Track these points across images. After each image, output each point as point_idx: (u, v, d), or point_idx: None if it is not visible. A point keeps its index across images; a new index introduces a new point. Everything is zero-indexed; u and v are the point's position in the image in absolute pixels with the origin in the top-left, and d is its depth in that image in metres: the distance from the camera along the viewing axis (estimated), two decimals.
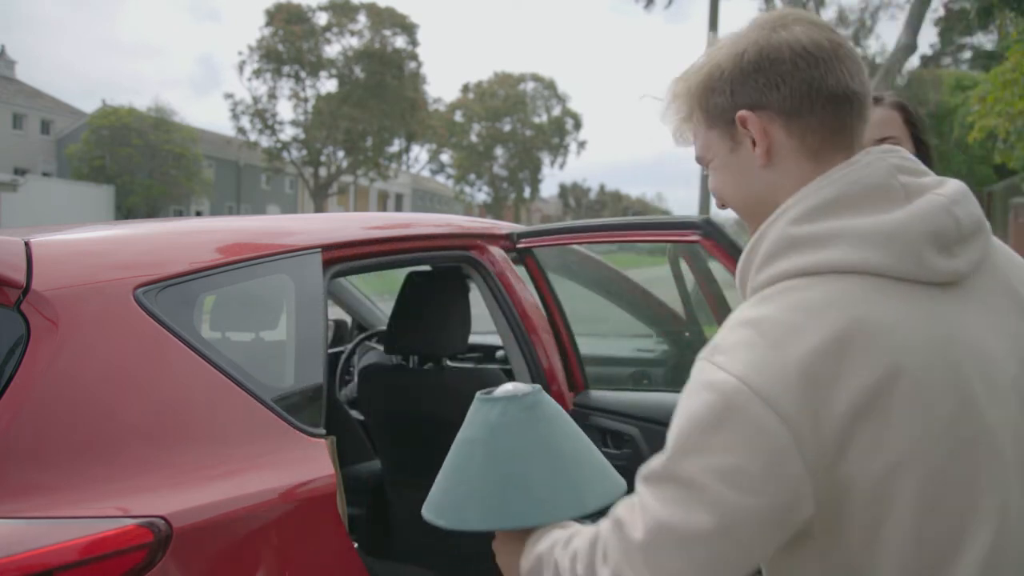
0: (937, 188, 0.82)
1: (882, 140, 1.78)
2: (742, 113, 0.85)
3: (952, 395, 0.74)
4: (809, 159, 0.84)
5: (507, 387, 1.06)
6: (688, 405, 0.77)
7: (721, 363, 0.75)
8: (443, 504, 1.01)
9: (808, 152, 0.84)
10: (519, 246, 2.15)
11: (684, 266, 2.28)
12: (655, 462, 0.80)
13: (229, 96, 41.00)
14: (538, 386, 1.07)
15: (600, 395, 2.10)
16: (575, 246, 2.35)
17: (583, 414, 2.03)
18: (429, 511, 1.03)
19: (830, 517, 0.74)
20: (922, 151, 1.70)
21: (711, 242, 1.61)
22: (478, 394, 1.07)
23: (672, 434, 0.78)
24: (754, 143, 0.85)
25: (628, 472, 1.04)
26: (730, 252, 1.59)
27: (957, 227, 0.79)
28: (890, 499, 0.72)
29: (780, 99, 0.83)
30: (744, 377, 0.72)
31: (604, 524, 0.84)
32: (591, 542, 0.84)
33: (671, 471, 0.77)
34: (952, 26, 22.03)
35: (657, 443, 1.46)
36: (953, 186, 0.83)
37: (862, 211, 0.79)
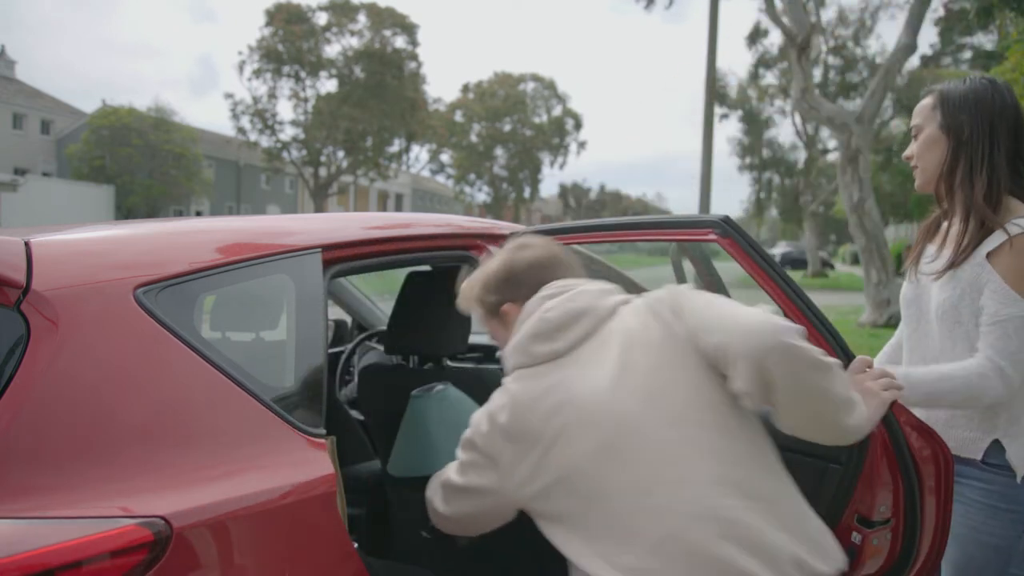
0: (548, 311, 1.38)
1: (910, 129, 1.79)
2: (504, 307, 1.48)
3: (555, 421, 1.28)
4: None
5: (435, 386, 1.79)
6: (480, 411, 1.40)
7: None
8: (400, 464, 1.70)
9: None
10: None
11: (687, 266, 2.27)
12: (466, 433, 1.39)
13: (229, 96, 41.02)
14: (448, 383, 1.77)
15: None
16: (575, 246, 2.35)
17: None
18: (394, 469, 1.71)
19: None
20: (954, 133, 1.69)
21: (728, 241, 1.59)
22: (413, 393, 1.77)
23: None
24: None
25: None
26: (747, 251, 1.58)
27: (550, 326, 1.36)
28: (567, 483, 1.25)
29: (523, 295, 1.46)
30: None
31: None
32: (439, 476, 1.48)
33: (464, 443, 1.40)
34: (952, 26, 22.02)
35: None
36: (556, 304, 1.38)
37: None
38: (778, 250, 38.75)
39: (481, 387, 2.15)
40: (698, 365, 1.27)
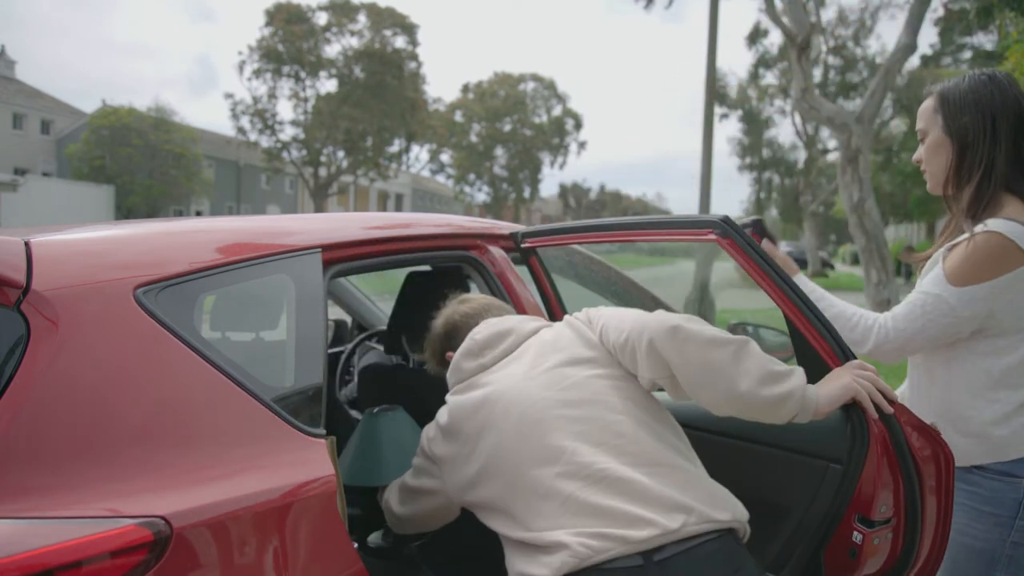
0: (476, 333, 1.63)
1: (917, 132, 1.80)
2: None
3: (481, 414, 1.49)
4: None
5: (388, 408, 1.93)
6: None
7: None
8: (354, 473, 1.82)
9: None
10: (523, 246, 2.13)
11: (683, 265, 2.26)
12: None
13: (229, 96, 41.06)
14: (398, 406, 1.93)
15: None
16: (576, 246, 2.35)
17: None
18: (349, 479, 1.79)
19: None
20: (958, 133, 1.70)
21: (728, 241, 1.59)
22: (366, 412, 1.93)
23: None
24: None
25: None
26: (747, 251, 1.58)
27: (477, 345, 1.61)
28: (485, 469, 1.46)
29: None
30: None
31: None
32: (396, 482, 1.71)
33: (418, 450, 1.65)
34: (952, 26, 22.02)
35: None
36: (482, 327, 1.64)
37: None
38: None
39: None
40: (608, 362, 1.49)
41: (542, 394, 1.45)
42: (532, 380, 1.48)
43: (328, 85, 34.25)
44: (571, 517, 1.30)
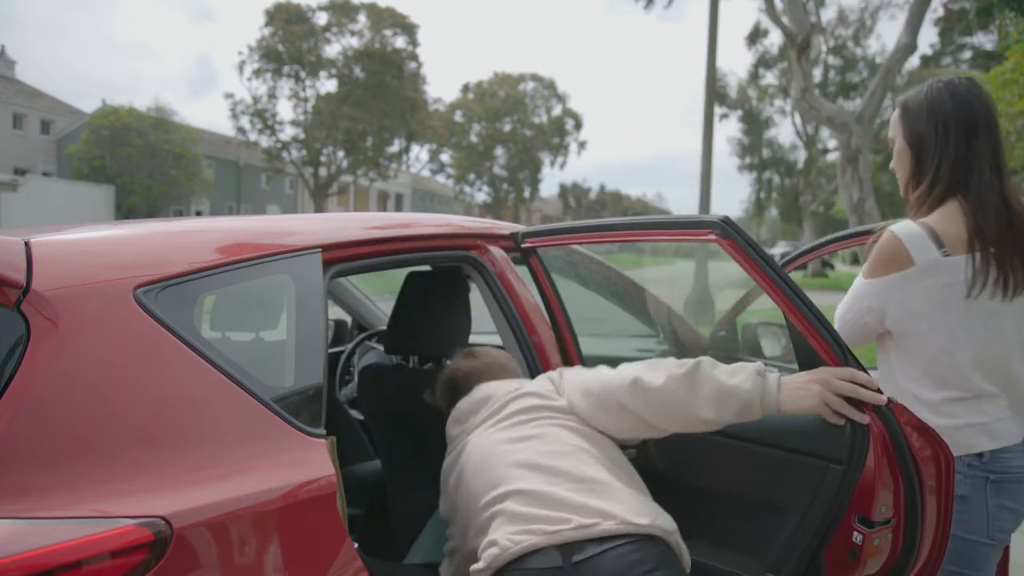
0: (463, 402, 1.81)
1: (889, 140, 1.84)
2: None
3: (458, 467, 1.69)
4: None
5: None
6: None
7: None
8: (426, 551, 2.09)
9: None
10: (523, 246, 2.13)
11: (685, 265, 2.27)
12: None
13: (229, 96, 41.02)
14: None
15: None
16: (576, 246, 2.34)
17: None
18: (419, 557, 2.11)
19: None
20: (919, 141, 1.75)
21: (728, 241, 1.60)
22: None
23: None
24: None
25: (637, 468, 1.67)
26: (747, 252, 1.58)
27: (461, 413, 1.79)
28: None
29: None
30: None
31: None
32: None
33: None
34: (952, 26, 22.02)
35: (661, 439, 1.65)
36: (472, 394, 1.80)
37: None
38: (778, 250, 38.69)
39: None
40: (566, 414, 1.65)
41: (496, 437, 1.64)
42: (496, 434, 1.66)
43: (328, 85, 34.26)
44: (506, 526, 1.46)
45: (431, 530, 2.15)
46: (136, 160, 30.36)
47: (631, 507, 1.43)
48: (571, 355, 2.12)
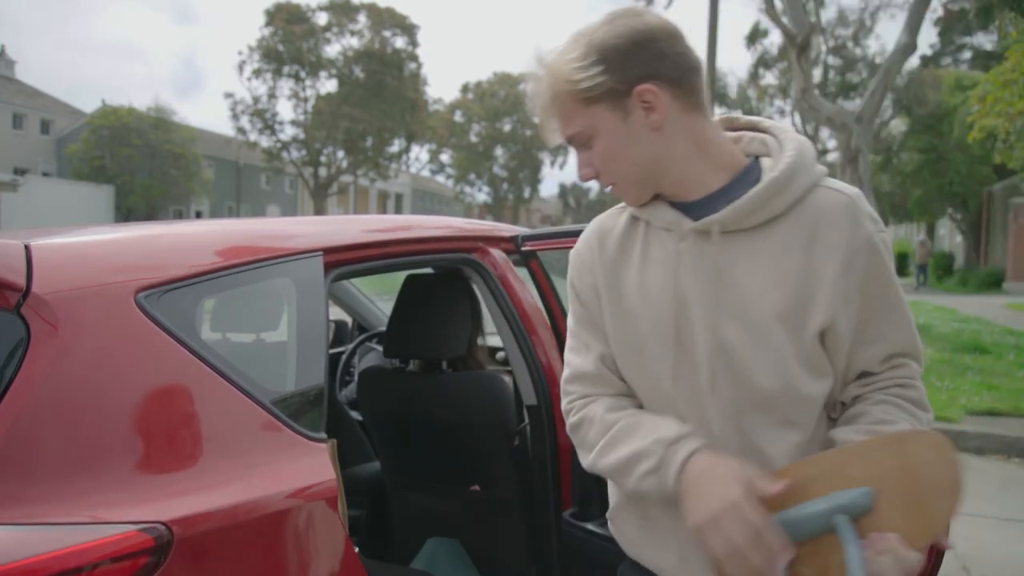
0: None
1: None
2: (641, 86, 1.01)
3: None
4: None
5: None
6: None
7: None
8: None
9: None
10: (524, 249, 2.13)
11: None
12: None
13: (229, 96, 41.01)
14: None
15: None
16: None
17: None
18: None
19: None
20: None
21: None
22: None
23: None
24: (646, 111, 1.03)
25: None
26: None
27: None
28: None
29: (667, 69, 1.02)
30: None
31: None
32: None
33: None
34: (952, 26, 22.03)
35: None
36: None
37: None
38: None
39: (481, 391, 2.15)
40: None
41: None
42: None
43: (328, 85, 34.28)
44: None
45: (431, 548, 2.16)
46: (136, 160, 30.36)
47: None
48: None
